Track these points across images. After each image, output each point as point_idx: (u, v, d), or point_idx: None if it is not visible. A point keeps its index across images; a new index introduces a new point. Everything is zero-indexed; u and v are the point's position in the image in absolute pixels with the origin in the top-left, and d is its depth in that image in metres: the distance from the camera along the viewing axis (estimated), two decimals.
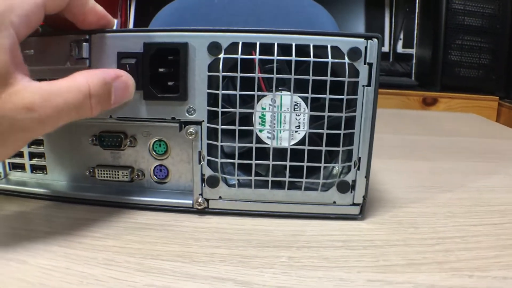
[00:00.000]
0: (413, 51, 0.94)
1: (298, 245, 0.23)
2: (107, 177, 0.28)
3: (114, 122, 0.26)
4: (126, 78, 0.22)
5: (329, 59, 0.23)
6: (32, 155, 0.29)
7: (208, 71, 0.24)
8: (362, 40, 0.23)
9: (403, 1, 0.96)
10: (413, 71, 0.93)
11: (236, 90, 0.23)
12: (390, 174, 0.35)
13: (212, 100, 0.24)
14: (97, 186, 0.28)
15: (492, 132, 0.61)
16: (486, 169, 0.38)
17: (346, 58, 0.23)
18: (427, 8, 0.87)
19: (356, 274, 0.20)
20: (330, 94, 0.23)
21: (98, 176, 0.28)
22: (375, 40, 0.23)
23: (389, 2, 0.96)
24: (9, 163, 0.30)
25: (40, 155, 0.29)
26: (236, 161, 0.24)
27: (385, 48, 0.98)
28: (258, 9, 0.54)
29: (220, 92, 0.24)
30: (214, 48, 0.23)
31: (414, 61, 0.93)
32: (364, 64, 0.23)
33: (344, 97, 0.23)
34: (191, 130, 0.25)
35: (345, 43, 0.23)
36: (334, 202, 0.25)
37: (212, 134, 0.25)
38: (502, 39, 0.81)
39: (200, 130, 0.25)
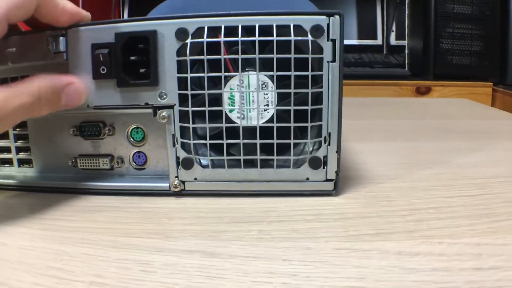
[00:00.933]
0: (405, 42, 0.94)
1: (270, 220, 0.24)
2: (88, 166, 0.29)
3: (93, 112, 0.28)
4: (78, 85, 0.25)
5: (292, 37, 0.24)
6: (19, 150, 0.31)
7: (177, 56, 0.25)
8: (324, 17, 0.24)
9: None
10: (406, 61, 0.93)
11: (194, 74, 0.25)
12: (372, 155, 0.35)
13: (183, 84, 0.25)
14: (80, 175, 0.29)
15: (479, 114, 0.61)
16: (469, 147, 0.38)
17: (309, 35, 0.24)
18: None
19: (323, 244, 0.21)
20: (296, 72, 0.24)
21: (80, 166, 0.29)
22: (337, 16, 0.24)
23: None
24: None
25: (26, 149, 0.31)
26: (208, 141, 0.25)
27: (378, 41, 0.98)
28: (245, 5, 0.55)
29: (189, 75, 0.25)
30: (181, 34, 0.25)
31: (406, 51, 0.94)
32: (328, 40, 0.24)
33: (309, 73, 0.24)
34: (163, 114, 0.26)
35: (307, 21, 0.24)
36: (307, 178, 0.26)
37: (184, 117, 0.26)
38: (493, 25, 0.81)
39: (173, 113, 0.26)
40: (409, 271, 0.18)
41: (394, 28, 0.98)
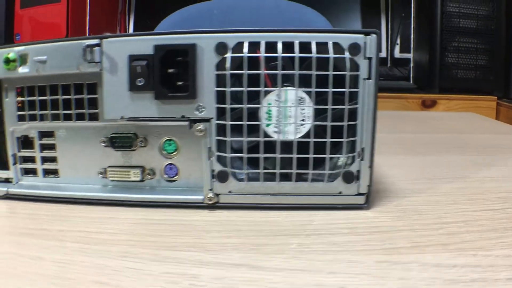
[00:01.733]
0: (410, 55, 0.97)
1: (307, 233, 0.24)
2: (119, 177, 0.29)
3: (125, 124, 0.28)
4: None
5: (331, 55, 0.25)
6: (44, 160, 0.31)
7: (216, 70, 0.26)
8: (361, 36, 0.25)
9: (398, 7, 1.00)
10: (411, 74, 0.96)
11: (242, 87, 0.25)
12: (391, 168, 0.36)
13: (221, 98, 0.26)
14: (108, 186, 0.30)
15: (488, 128, 0.63)
16: (485, 162, 0.40)
17: (347, 53, 0.25)
18: (422, 12, 0.91)
19: (364, 257, 0.22)
20: (324, 88, 0.25)
21: (110, 177, 0.29)
22: (374, 35, 0.25)
23: (385, 8, 1.00)
24: (21, 168, 0.32)
25: (52, 159, 0.31)
26: (245, 155, 0.26)
27: (383, 54, 1.01)
28: (257, 17, 0.56)
29: (228, 89, 0.26)
30: (221, 48, 0.26)
31: (411, 64, 0.97)
32: (364, 58, 0.25)
33: (346, 90, 0.25)
34: (200, 127, 0.26)
35: (345, 39, 0.25)
36: (340, 192, 0.27)
37: (220, 130, 0.26)
38: (497, 39, 0.84)
39: (209, 127, 0.26)
40: (449, 282, 0.19)
41: (398, 41, 1.01)
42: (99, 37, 0.27)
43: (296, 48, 0.25)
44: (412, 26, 0.94)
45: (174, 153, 0.29)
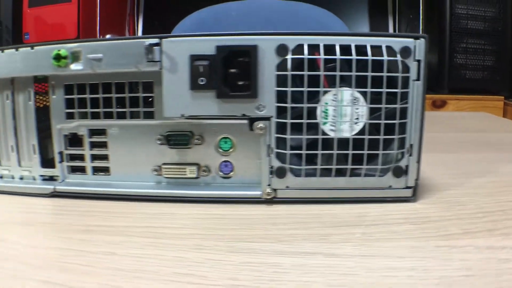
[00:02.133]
0: None
1: (366, 224, 0.27)
2: (174, 174, 0.31)
3: (182, 122, 0.30)
4: None
5: (385, 57, 0.28)
6: (93, 157, 0.32)
7: (276, 71, 0.28)
8: (411, 40, 0.28)
9: (406, 8, 1.06)
10: None
11: (298, 87, 0.28)
12: (422, 165, 0.40)
13: (279, 97, 0.29)
14: (162, 183, 0.31)
15: (502, 127, 0.69)
16: (508, 158, 0.44)
17: (398, 56, 0.28)
18: (431, 13, 0.96)
19: (424, 243, 0.25)
20: (378, 89, 0.28)
21: (165, 174, 0.31)
22: (422, 39, 0.28)
23: (392, 10, 1.05)
24: (67, 166, 0.33)
25: (102, 157, 0.32)
26: (304, 151, 0.29)
27: None
28: (274, 19, 0.59)
29: (289, 89, 0.28)
30: (282, 49, 0.28)
31: None
32: (414, 61, 0.28)
33: (399, 90, 0.28)
34: (261, 125, 0.29)
35: (397, 43, 0.28)
36: (390, 186, 0.30)
37: (279, 128, 0.29)
38: (504, 40, 0.90)
39: (269, 125, 0.29)
40: (504, 261, 0.22)
41: None
42: (159, 36, 0.29)
43: (353, 50, 0.28)
44: (420, 27, 1.00)
45: (230, 151, 0.31)
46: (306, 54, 0.28)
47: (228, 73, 0.28)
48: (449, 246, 0.24)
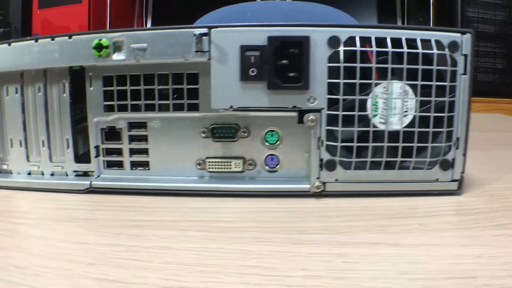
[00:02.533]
0: None
1: (420, 215, 0.28)
2: (218, 168, 0.31)
3: (226, 114, 0.31)
4: None
5: (435, 51, 0.29)
6: (132, 151, 0.32)
7: (328, 63, 0.29)
8: (458, 35, 0.30)
9: (415, 11, 1.09)
10: None
11: (347, 80, 0.29)
12: None
13: (330, 89, 0.29)
14: (205, 178, 0.32)
15: None
16: None
17: (447, 50, 0.30)
18: (441, 17, 1.00)
19: (480, 232, 0.26)
20: (429, 82, 0.29)
21: (209, 168, 0.31)
22: (469, 34, 0.30)
23: (401, 14, 1.09)
24: (103, 161, 0.33)
25: (142, 151, 0.32)
26: (355, 144, 0.30)
27: None
28: (290, 19, 0.60)
29: (342, 81, 0.29)
30: (333, 41, 0.29)
31: None
32: (461, 55, 0.30)
33: (447, 83, 0.30)
34: (312, 117, 0.29)
35: (446, 37, 0.29)
36: (437, 179, 0.31)
37: (330, 120, 0.30)
38: None
39: (320, 117, 0.30)
40: None
41: None
42: (208, 26, 0.29)
43: (404, 44, 0.29)
44: None
45: (276, 144, 0.31)
46: (358, 46, 0.29)
47: (279, 64, 0.29)
48: (505, 235, 0.25)
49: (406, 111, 0.30)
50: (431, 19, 1.03)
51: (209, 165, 0.31)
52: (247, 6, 0.60)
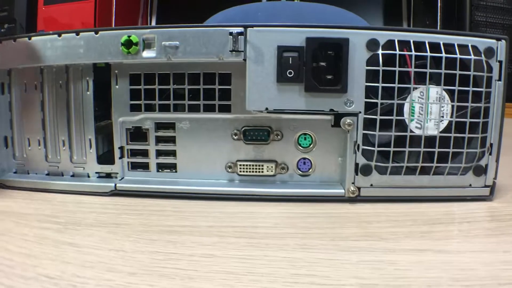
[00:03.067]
0: None
1: (458, 221, 0.28)
2: (250, 171, 0.30)
3: (259, 116, 0.30)
4: None
5: (472, 57, 0.29)
6: (158, 153, 0.31)
7: (367, 66, 0.29)
8: (494, 41, 0.30)
9: (422, 15, 1.10)
10: None
11: (383, 83, 0.28)
12: None
13: (367, 93, 0.29)
14: (236, 181, 0.31)
15: None
16: None
17: (483, 56, 0.30)
18: (449, 20, 1.01)
19: None
20: (464, 87, 0.29)
21: (240, 171, 0.30)
22: (504, 41, 0.30)
23: (407, 17, 1.10)
24: (128, 162, 0.31)
25: (169, 153, 0.31)
26: (392, 149, 0.29)
27: None
28: (301, 20, 0.60)
29: (380, 85, 0.29)
30: (372, 44, 0.28)
31: None
32: (496, 61, 0.30)
33: (483, 89, 0.30)
34: (349, 121, 0.29)
35: (482, 43, 0.30)
36: (470, 185, 0.31)
37: (367, 124, 0.29)
38: None
39: (357, 121, 0.29)
40: None
41: None
42: (243, 25, 0.28)
43: (442, 48, 0.29)
44: None
45: (309, 148, 0.31)
46: (397, 50, 0.28)
47: (316, 66, 0.28)
48: None
49: (442, 116, 0.30)
50: (439, 23, 1.05)
51: (240, 168, 0.30)
52: (257, 6, 0.60)
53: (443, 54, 0.29)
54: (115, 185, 0.30)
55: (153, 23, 1.15)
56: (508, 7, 0.92)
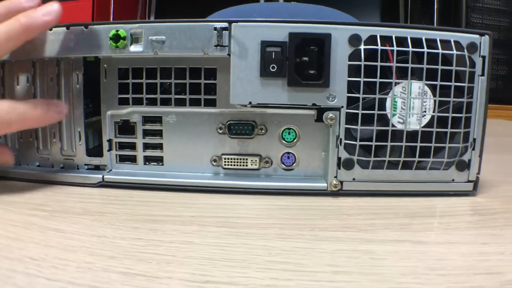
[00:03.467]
0: None
1: (439, 215, 0.28)
2: (234, 165, 0.31)
3: (243, 111, 0.30)
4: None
5: (454, 52, 0.30)
6: (146, 146, 0.32)
7: (348, 61, 0.29)
8: (477, 36, 0.30)
9: (418, 16, 1.11)
10: None
11: (365, 78, 0.29)
12: None
13: (350, 87, 0.29)
14: (221, 175, 0.31)
15: None
16: None
17: (465, 51, 0.30)
18: (446, 22, 1.02)
19: (501, 231, 0.26)
20: (447, 82, 0.30)
21: (225, 165, 0.31)
22: (487, 36, 0.30)
23: (404, 19, 1.10)
24: (116, 155, 0.32)
25: (156, 146, 0.32)
26: (374, 143, 0.30)
27: None
28: (299, 15, 0.60)
29: (362, 79, 0.29)
30: (354, 40, 0.29)
31: None
32: (479, 56, 0.30)
33: (466, 84, 0.30)
34: (331, 115, 0.29)
35: (465, 39, 0.30)
36: (453, 180, 0.31)
37: (349, 119, 0.30)
38: None
39: (339, 115, 0.30)
40: None
41: None
42: (228, 20, 0.29)
43: (424, 44, 0.29)
44: None
45: (293, 142, 0.31)
46: (379, 45, 0.29)
47: (299, 61, 0.29)
48: None
49: (424, 111, 0.30)
50: (435, 24, 1.05)
51: (225, 161, 0.31)
52: (252, 7, 0.60)
53: (425, 49, 0.29)
54: (103, 176, 0.31)
55: (152, 18, 1.16)
56: (504, 9, 0.92)
